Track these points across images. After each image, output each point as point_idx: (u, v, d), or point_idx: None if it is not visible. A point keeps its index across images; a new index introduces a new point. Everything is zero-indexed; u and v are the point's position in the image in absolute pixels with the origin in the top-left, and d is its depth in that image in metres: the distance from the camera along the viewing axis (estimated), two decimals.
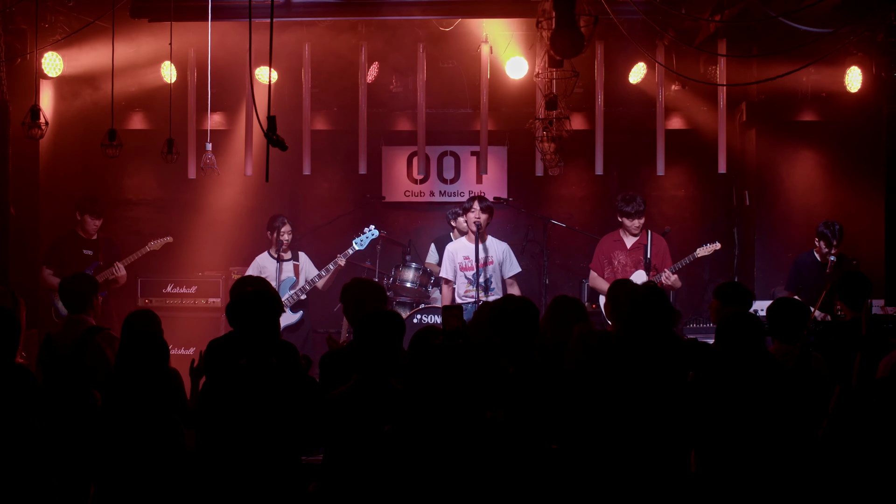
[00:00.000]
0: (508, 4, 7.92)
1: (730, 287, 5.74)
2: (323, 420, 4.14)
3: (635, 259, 8.11)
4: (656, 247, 8.14)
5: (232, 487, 4.13)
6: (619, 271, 8.06)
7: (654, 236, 8.20)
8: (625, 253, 8.17)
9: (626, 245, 8.19)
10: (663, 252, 8.17)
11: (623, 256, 8.16)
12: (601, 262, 8.23)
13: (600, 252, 8.28)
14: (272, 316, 4.28)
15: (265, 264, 8.29)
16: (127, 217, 9.87)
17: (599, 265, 8.24)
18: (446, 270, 7.93)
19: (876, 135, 7.90)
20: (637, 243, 8.16)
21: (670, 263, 8.07)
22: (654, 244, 8.13)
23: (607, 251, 8.23)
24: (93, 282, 5.84)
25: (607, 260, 8.20)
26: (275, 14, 5.66)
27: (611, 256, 8.19)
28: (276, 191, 9.47)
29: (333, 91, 9.42)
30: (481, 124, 8.78)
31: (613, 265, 8.15)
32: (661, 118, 8.68)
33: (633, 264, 8.10)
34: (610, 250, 8.22)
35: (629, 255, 8.15)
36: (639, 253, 8.12)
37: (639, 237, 8.16)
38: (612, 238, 8.29)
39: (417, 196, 10.02)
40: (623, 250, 8.18)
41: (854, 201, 8.95)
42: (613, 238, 8.28)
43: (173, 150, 7.18)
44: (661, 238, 8.27)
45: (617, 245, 8.22)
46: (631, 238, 8.17)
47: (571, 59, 6.39)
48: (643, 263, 8.04)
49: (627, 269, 8.04)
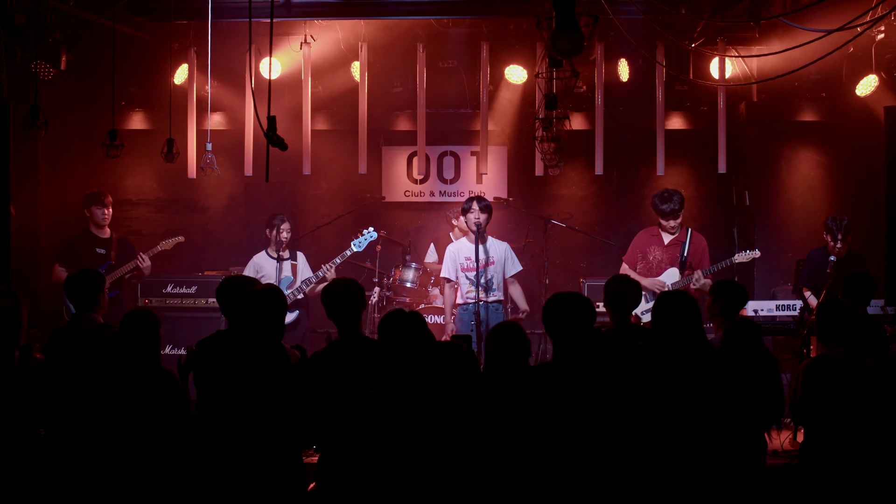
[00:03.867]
0: (508, 4, 7.93)
1: (726, 285, 5.75)
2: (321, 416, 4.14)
3: (671, 256, 7.87)
4: (695, 245, 7.89)
5: (233, 487, 4.13)
6: (653, 267, 7.88)
7: (694, 234, 7.95)
8: (661, 248, 7.93)
9: (664, 241, 7.94)
10: (702, 251, 7.93)
11: (659, 252, 7.92)
12: (635, 256, 8.01)
13: (636, 245, 8.05)
14: (280, 315, 4.28)
15: (263, 263, 8.28)
16: (127, 217, 9.87)
17: (633, 258, 8.01)
18: (447, 270, 7.92)
19: (876, 135, 7.91)
20: (675, 240, 7.91)
21: (708, 264, 7.84)
22: (692, 242, 7.88)
23: (643, 245, 8.00)
24: (99, 279, 5.80)
25: (642, 254, 7.98)
26: (275, 14, 5.68)
27: (646, 251, 7.96)
28: (276, 191, 9.47)
29: (333, 91, 9.43)
30: (481, 124, 8.78)
31: (648, 260, 7.94)
32: (661, 118, 8.68)
33: (668, 261, 7.87)
34: (646, 244, 7.98)
35: (665, 251, 7.91)
36: (675, 250, 7.87)
37: (677, 234, 7.92)
38: (650, 233, 8.07)
39: (417, 196, 10.02)
40: (660, 246, 7.94)
41: (854, 201, 8.96)
42: (651, 233, 8.04)
43: (173, 150, 7.18)
44: (701, 237, 8.03)
45: (654, 240, 7.97)
46: (669, 235, 7.94)
47: (571, 59, 6.39)
48: (678, 261, 7.83)
49: (662, 266, 7.85)
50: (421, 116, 8.79)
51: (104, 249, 8.24)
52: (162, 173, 9.61)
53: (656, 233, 8.03)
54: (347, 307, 4.75)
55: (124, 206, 9.92)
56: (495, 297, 7.79)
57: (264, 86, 5.80)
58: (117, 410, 4.48)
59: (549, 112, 6.84)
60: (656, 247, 7.96)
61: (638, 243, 8.08)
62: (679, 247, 7.88)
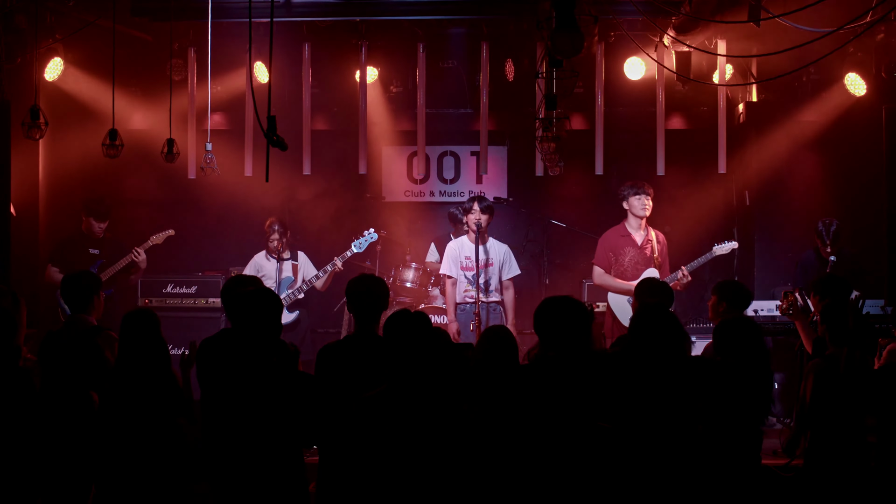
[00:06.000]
0: (508, 4, 7.93)
1: (729, 285, 5.74)
2: (321, 416, 4.14)
3: (645, 257, 7.69)
4: (661, 244, 7.79)
5: (234, 487, 4.13)
6: (629, 269, 7.66)
7: (657, 232, 7.87)
8: (635, 249, 7.72)
9: (637, 241, 7.75)
10: (666, 248, 7.84)
11: (634, 252, 7.71)
12: (607, 258, 7.74)
13: (607, 248, 7.77)
14: (276, 315, 4.28)
15: (263, 263, 8.30)
16: (127, 217, 9.85)
17: (606, 261, 7.74)
18: (448, 267, 7.92)
19: (876, 135, 7.90)
20: (646, 239, 7.75)
21: (668, 261, 7.82)
22: (660, 241, 7.78)
23: (614, 246, 7.74)
24: (94, 281, 5.81)
25: (614, 256, 7.73)
26: (275, 14, 5.67)
27: (620, 252, 7.72)
28: (276, 191, 9.47)
29: (333, 91, 9.43)
30: (481, 124, 8.78)
31: (623, 262, 7.71)
32: (661, 118, 8.67)
33: (643, 261, 7.68)
34: (618, 245, 7.73)
35: (640, 251, 7.72)
36: (647, 249, 7.72)
37: (646, 233, 7.78)
38: (618, 233, 7.80)
39: (417, 196, 10.02)
40: (633, 246, 7.72)
41: (854, 201, 8.95)
42: (621, 233, 7.79)
43: (173, 150, 7.18)
44: (660, 233, 7.93)
45: (626, 241, 7.74)
46: (640, 234, 7.74)
47: (571, 59, 6.39)
48: (654, 262, 7.67)
49: (639, 267, 7.61)
50: (421, 116, 8.80)
51: (97, 249, 8.24)
52: (162, 173, 9.61)
53: (626, 233, 7.80)
54: (371, 302, 4.76)
55: (124, 206, 9.91)
56: (494, 299, 7.79)
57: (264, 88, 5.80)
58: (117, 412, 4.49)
59: (549, 112, 6.85)
60: (630, 247, 7.75)
61: (609, 245, 7.80)
62: (650, 246, 7.75)
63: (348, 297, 4.86)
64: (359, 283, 4.87)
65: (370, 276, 5.02)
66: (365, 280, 4.90)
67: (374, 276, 5.03)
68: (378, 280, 4.96)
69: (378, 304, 4.80)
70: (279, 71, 8.80)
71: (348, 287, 4.87)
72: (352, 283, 4.89)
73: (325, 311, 9.20)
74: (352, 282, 4.91)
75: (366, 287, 4.83)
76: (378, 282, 4.92)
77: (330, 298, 8.92)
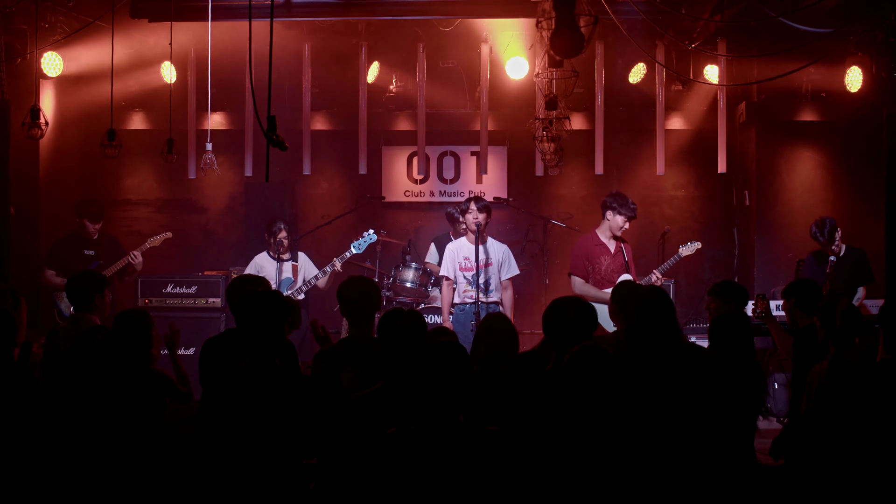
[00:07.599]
0: (508, 4, 7.93)
1: (725, 285, 5.74)
2: (327, 420, 4.14)
3: (619, 263, 7.76)
4: (629, 251, 7.85)
5: (234, 488, 4.13)
6: (606, 276, 7.68)
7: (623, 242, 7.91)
8: (610, 257, 7.76)
9: (611, 249, 7.79)
10: (632, 256, 7.90)
11: (609, 260, 7.75)
12: (584, 267, 7.75)
13: (583, 257, 7.78)
14: (281, 317, 4.28)
15: (263, 264, 8.29)
16: (127, 217, 9.87)
17: (583, 270, 7.75)
18: (447, 269, 7.92)
19: (876, 135, 7.90)
20: (618, 247, 7.81)
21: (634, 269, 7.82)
22: (626, 251, 7.82)
23: (591, 255, 7.76)
24: (99, 280, 5.80)
25: (591, 265, 7.78)
26: (275, 14, 5.68)
27: (596, 261, 7.75)
28: (276, 191, 9.47)
29: (333, 91, 9.43)
30: (481, 124, 8.78)
31: (600, 270, 7.75)
32: (661, 118, 8.68)
33: (617, 268, 7.72)
34: (594, 254, 7.76)
35: (614, 259, 7.77)
36: (620, 257, 7.78)
37: (616, 242, 7.80)
38: (592, 242, 7.82)
39: (417, 196, 10.02)
40: (608, 254, 7.77)
41: (854, 201, 8.95)
42: (595, 242, 7.81)
43: (173, 150, 7.18)
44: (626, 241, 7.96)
45: (601, 249, 7.78)
46: (612, 242, 7.78)
47: (571, 59, 6.39)
48: (626, 269, 7.72)
49: (614, 274, 7.65)
50: (421, 116, 8.80)
51: (93, 250, 8.24)
52: (162, 173, 9.61)
53: (599, 241, 7.82)
54: (364, 304, 4.79)
55: (124, 206, 9.93)
56: (494, 299, 7.79)
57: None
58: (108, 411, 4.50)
59: (549, 112, 6.85)
60: (605, 255, 7.78)
61: (584, 254, 7.81)
62: (621, 255, 7.79)
63: (339, 300, 4.87)
64: (349, 286, 4.88)
65: (360, 278, 5.03)
66: (355, 283, 4.91)
67: (365, 278, 5.04)
68: (368, 282, 4.96)
69: (370, 306, 4.81)
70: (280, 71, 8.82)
71: (339, 291, 4.88)
72: (342, 287, 4.90)
73: (326, 311, 9.20)
74: (342, 285, 4.92)
75: (356, 290, 4.84)
76: (369, 283, 4.92)
77: (330, 298, 8.90)
